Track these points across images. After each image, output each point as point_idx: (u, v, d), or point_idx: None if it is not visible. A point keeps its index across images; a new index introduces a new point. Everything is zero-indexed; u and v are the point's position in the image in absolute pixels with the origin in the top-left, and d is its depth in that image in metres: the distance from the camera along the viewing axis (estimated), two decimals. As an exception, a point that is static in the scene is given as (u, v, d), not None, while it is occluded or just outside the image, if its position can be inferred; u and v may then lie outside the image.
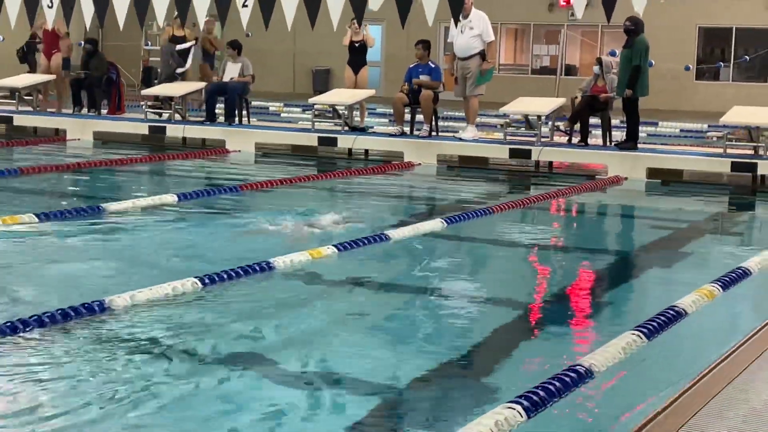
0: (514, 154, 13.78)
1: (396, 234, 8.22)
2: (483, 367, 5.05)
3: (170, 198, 9.75)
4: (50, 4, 15.56)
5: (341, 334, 5.59)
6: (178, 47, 17.09)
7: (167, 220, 9.02)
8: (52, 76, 17.72)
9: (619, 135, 14.33)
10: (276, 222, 8.75)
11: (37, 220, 8.30)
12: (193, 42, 17.28)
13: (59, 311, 5.42)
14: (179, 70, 17.10)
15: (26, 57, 19.46)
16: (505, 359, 5.28)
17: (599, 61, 14.23)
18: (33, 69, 18.98)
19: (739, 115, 13.57)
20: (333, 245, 7.51)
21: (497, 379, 4.90)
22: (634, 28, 13.08)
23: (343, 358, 5.12)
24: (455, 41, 14.29)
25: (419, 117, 14.93)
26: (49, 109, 17.61)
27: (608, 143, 14.04)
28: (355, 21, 15.21)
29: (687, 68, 24.35)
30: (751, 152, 12.97)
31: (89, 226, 8.38)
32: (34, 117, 17.01)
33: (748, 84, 27.26)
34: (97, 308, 5.57)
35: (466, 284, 7.10)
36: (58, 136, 16.25)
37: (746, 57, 25.57)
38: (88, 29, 18.12)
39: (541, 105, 14.52)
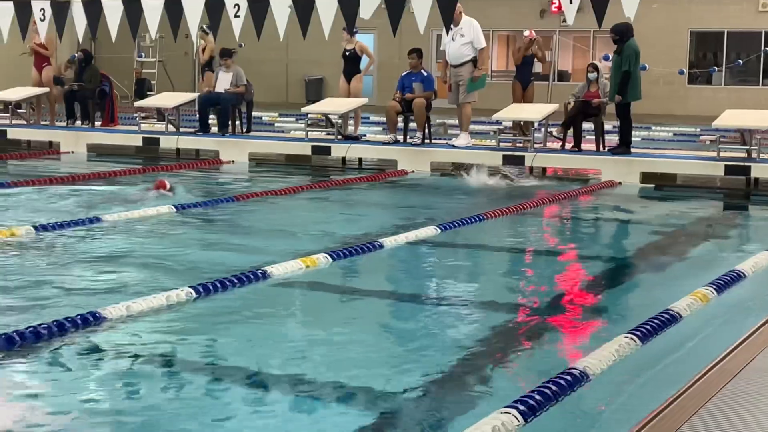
0: (507, 160, 13.79)
1: (390, 242, 8.22)
2: (478, 373, 5.05)
3: (166, 209, 9.76)
4: (42, 17, 15.58)
5: (336, 342, 5.58)
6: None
7: (163, 230, 9.03)
8: (46, 89, 17.71)
9: (612, 140, 14.36)
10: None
11: (34, 232, 8.31)
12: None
13: (55, 322, 5.42)
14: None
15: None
16: (500, 364, 5.28)
17: (595, 67, 14.25)
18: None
19: (731, 118, 13.63)
20: (326, 253, 7.52)
21: (493, 384, 4.90)
22: (619, 37, 13.12)
23: (337, 366, 5.11)
24: (447, 49, 14.33)
25: (412, 125, 14.95)
26: (42, 122, 17.60)
27: (601, 148, 14.07)
28: (345, 29, 15.19)
29: (681, 72, 24.42)
30: (744, 155, 13.00)
31: (87, 238, 8.38)
32: (28, 130, 17.03)
33: (741, 87, 27.37)
34: (92, 319, 5.57)
35: (459, 291, 7.10)
36: (51, 148, 16.25)
37: (739, 61, 25.65)
38: (80, 42, 18.09)
39: (534, 111, 14.54)
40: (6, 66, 23.85)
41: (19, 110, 17.50)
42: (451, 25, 13.86)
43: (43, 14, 15.48)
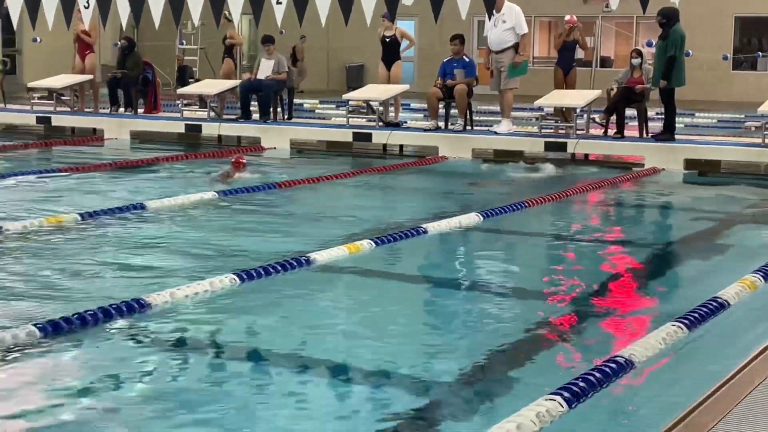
0: (549, 147, 13.71)
1: (433, 228, 8.22)
2: (522, 359, 5.04)
3: (209, 195, 9.81)
4: (87, 5, 15.68)
5: (379, 327, 5.59)
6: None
7: (207, 217, 9.08)
8: (89, 77, 17.83)
9: (655, 126, 14.23)
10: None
11: (80, 219, 8.39)
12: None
13: (100, 309, 5.47)
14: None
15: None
16: (545, 351, 5.27)
17: (638, 53, 14.13)
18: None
19: (777, 104, 13.42)
20: (370, 239, 7.52)
21: (537, 370, 4.89)
22: (666, 21, 12.99)
23: (381, 351, 5.12)
24: (489, 35, 14.27)
25: (454, 111, 14.90)
26: (86, 109, 17.74)
27: (645, 134, 13.95)
28: (383, 16, 15.12)
29: (725, 58, 24.12)
30: (790, 141, 12.83)
31: (131, 225, 8.45)
32: (72, 117, 17.17)
33: (786, 73, 27.00)
34: (137, 306, 5.62)
35: (504, 277, 7.08)
36: (95, 135, 16.38)
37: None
38: (123, 29, 18.20)
39: (577, 97, 14.45)
40: (49, 53, 24.08)
41: (63, 98, 17.66)
42: (493, 11, 13.78)
43: (88, 2, 15.58)
